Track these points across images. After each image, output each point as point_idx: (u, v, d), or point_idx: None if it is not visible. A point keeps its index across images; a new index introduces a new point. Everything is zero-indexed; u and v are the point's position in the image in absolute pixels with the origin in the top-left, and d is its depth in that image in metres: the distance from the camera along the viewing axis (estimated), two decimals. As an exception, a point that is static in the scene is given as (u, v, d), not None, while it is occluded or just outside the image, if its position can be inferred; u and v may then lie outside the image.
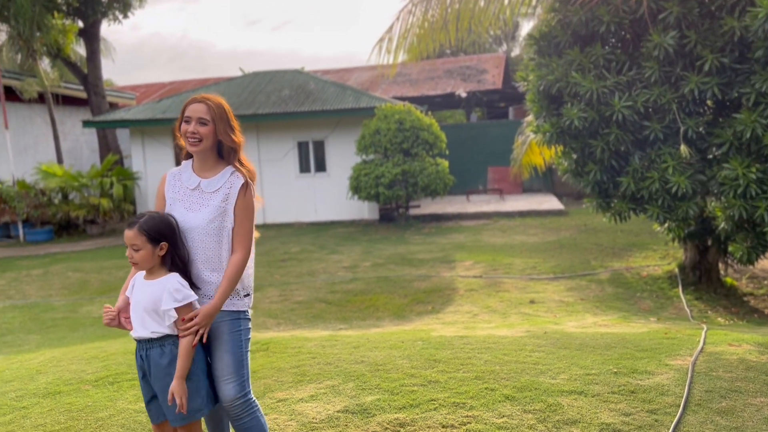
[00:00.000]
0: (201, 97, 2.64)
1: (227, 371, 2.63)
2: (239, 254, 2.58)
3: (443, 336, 5.15)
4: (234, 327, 2.65)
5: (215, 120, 2.59)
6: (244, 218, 2.61)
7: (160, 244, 2.50)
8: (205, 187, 2.64)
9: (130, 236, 2.48)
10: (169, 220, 2.58)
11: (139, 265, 2.52)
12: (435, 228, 12.94)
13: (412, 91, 20.35)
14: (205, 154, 2.65)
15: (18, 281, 9.82)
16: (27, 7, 13.67)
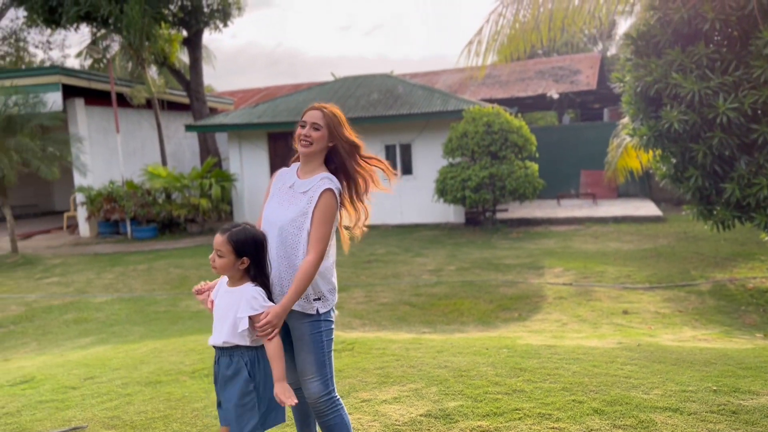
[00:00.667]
0: (318, 105, 2.79)
1: (310, 370, 2.72)
2: (311, 256, 2.61)
3: (530, 344, 5.06)
4: (314, 328, 2.72)
5: (329, 126, 2.73)
6: (321, 222, 2.66)
7: (242, 258, 2.57)
8: (297, 187, 2.76)
9: (218, 241, 2.57)
10: (258, 238, 2.63)
11: (218, 270, 2.59)
12: (523, 232, 12.70)
13: (502, 93, 20.06)
14: (311, 157, 2.76)
15: (125, 275, 10.49)
16: (137, 18, 14.62)
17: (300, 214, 2.68)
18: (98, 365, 5.00)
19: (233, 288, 2.61)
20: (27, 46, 32.79)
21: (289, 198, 2.76)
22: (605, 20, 7.32)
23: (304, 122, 2.74)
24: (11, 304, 8.80)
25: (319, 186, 2.70)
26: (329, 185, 2.70)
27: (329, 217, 2.68)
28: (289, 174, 2.86)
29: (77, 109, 15.28)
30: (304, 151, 2.74)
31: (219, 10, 16.63)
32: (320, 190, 2.68)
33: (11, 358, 6.06)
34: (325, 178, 2.74)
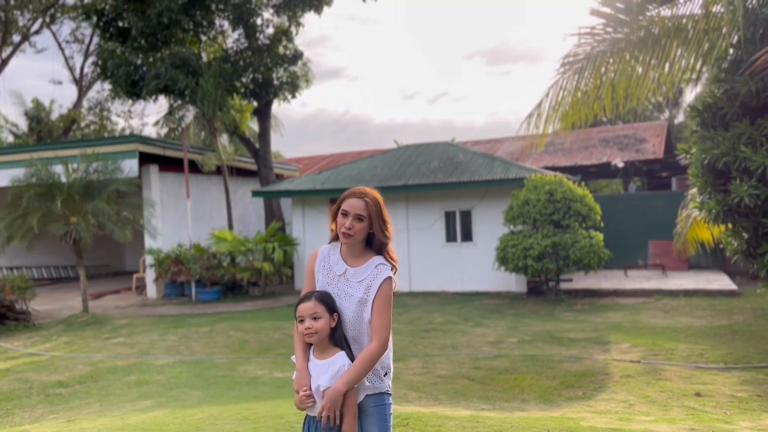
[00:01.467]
0: (360, 192, 2.81)
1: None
2: (375, 344, 2.66)
3: (594, 427, 4.80)
4: (379, 401, 2.74)
5: (371, 216, 2.75)
6: (383, 309, 2.70)
7: (333, 314, 2.66)
8: (351, 276, 2.78)
9: (310, 306, 2.64)
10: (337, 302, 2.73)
11: (318, 335, 2.64)
12: (588, 304, 12.27)
13: (565, 161, 19.91)
14: (355, 245, 2.80)
15: (187, 338, 10.69)
16: (212, 91, 15.49)
17: (360, 303, 2.73)
18: (155, 430, 5.04)
19: (323, 360, 2.64)
20: (110, 115, 35.14)
21: (344, 288, 2.78)
22: (670, 90, 7.22)
23: (345, 211, 2.76)
24: (78, 363, 9.08)
25: (377, 274, 2.74)
26: (388, 273, 2.75)
27: (389, 303, 2.73)
28: (333, 258, 2.86)
29: (152, 175, 16.10)
30: (346, 242, 2.78)
31: (288, 83, 17.42)
32: (381, 279, 2.72)
33: (74, 418, 6.20)
34: (380, 264, 2.78)
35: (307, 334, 2.64)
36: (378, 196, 2.82)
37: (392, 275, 2.75)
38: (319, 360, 2.66)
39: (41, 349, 10.23)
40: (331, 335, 2.67)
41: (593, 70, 5.77)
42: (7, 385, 7.97)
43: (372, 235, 2.81)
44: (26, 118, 31.66)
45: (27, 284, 12.61)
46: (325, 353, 2.65)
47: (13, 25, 30.48)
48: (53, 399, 7.27)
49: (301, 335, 2.71)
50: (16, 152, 16.40)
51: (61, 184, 12.68)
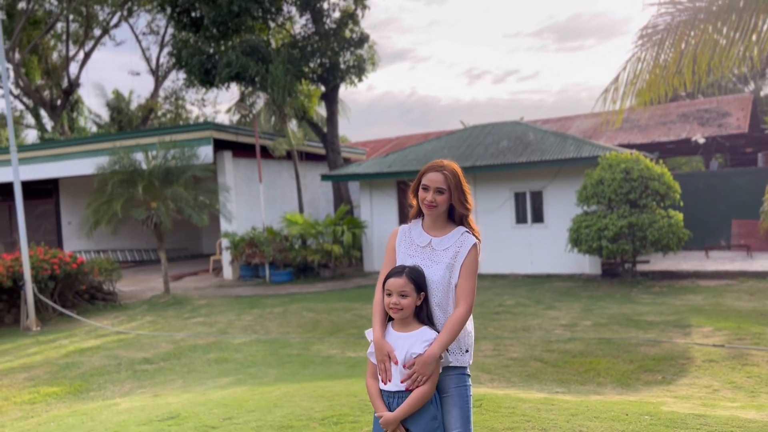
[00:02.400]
0: (438, 165, 2.83)
1: (456, 424, 2.73)
2: (462, 308, 2.70)
3: (675, 412, 4.64)
4: (459, 382, 2.76)
5: (451, 188, 2.78)
6: (469, 275, 2.75)
7: (420, 293, 2.69)
8: (436, 245, 2.82)
9: (400, 283, 2.67)
10: (424, 274, 2.75)
11: (403, 312, 2.67)
12: (666, 287, 11.82)
13: (641, 138, 19.14)
14: (437, 217, 2.85)
15: (262, 318, 11.02)
16: (281, 77, 15.75)
17: (446, 270, 2.76)
18: (236, 406, 5.24)
19: (407, 333, 2.67)
20: (184, 103, 36.39)
21: (428, 256, 2.82)
22: (757, 61, 6.78)
23: (426, 185, 2.80)
24: (162, 341, 9.53)
25: (464, 241, 2.79)
26: (474, 241, 2.79)
27: (475, 270, 2.78)
28: (415, 232, 2.90)
29: (225, 160, 16.59)
30: (430, 213, 2.83)
31: (354, 66, 17.48)
32: (468, 245, 2.77)
33: (160, 393, 6.53)
34: (465, 232, 2.83)
35: (393, 309, 2.67)
36: (456, 168, 2.84)
37: (478, 243, 2.80)
38: (402, 333, 2.68)
39: (127, 327, 10.80)
40: (416, 312, 2.69)
41: (673, 42, 5.48)
42: (99, 361, 8.47)
43: (452, 208, 2.84)
44: (108, 109, 33.25)
45: (113, 266, 13.30)
46: (408, 327, 2.68)
47: (93, 19, 31.93)
48: (140, 375, 7.67)
49: (383, 306, 2.73)
50: (99, 141, 17.26)
51: (141, 171, 13.27)
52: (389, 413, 2.62)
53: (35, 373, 7.92)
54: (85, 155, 16.73)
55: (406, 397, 2.61)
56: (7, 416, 6.17)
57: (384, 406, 2.67)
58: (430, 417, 2.63)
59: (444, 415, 2.74)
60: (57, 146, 18.26)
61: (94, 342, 9.72)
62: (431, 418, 2.63)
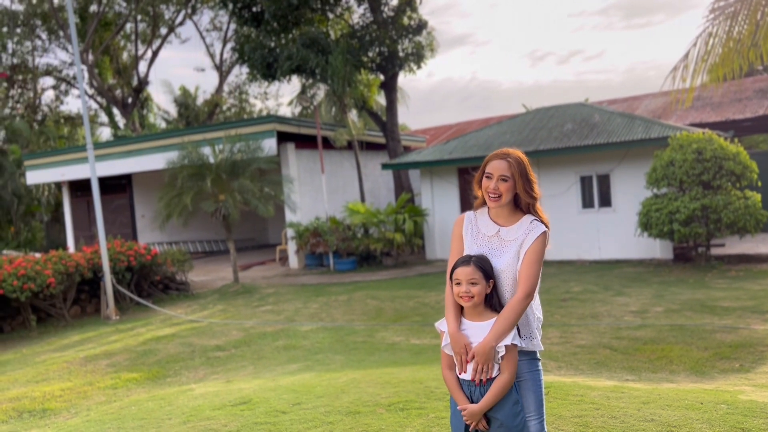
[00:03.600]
0: (502, 153, 2.78)
1: (530, 409, 2.73)
2: (518, 295, 2.64)
3: (754, 401, 4.46)
4: (532, 366, 2.76)
5: (515, 176, 2.72)
6: (533, 261, 2.67)
7: (489, 280, 2.68)
8: (505, 235, 2.77)
9: (468, 272, 2.66)
10: (490, 262, 2.74)
11: (474, 300, 2.66)
12: (744, 271, 11.30)
13: (714, 116, 18.25)
14: (504, 207, 2.79)
15: (328, 305, 11.23)
16: (341, 67, 15.88)
17: (513, 259, 2.72)
18: (305, 392, 5.38)
19: (481, 323, 2.67)
20: (248, 97, 37.25)
21: (498, 246, 2.78)
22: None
23: (489, 174, 2.74)
24: (233, 329, 9.86)
25: (532, 228, 2.74)
26: (543, 229, 2.73)
27: (540, 257, 2.70)
28: (482, 221, 2.86)
29: (289, 152, 16.90)
30: (493, 205, 2.77)
31: (413, 54, 17.42)
32: (537, 233, 2.71)
33: (233, 379, 6.77)
34: (534, 220, 2.77)
35: (464, 298, 2.66)
36: (521, 156, 2.78)
37: (547, 231, 2.73)
38: (476, 322, 2.68)
39: (200, 316, 11.22)
40: (488, 300, 2.69)
41: (748, 14, 5.19)
42: (174, 348, 8.85)
43: (518, 197, 2.78)
44: (175, 105, 34.43)
45: (185, 257, 13.83)
46: (482, 317, 2.68)
47: (160, 18, 33.06)
48: (213, 361, 7.97)
49: (455, 297, 2.73)
50: (168, 137, 17.90)
51: (209, 165, 13.70)
52: (473, 405, 2.63)
53: (116, 360, 8.36)
54: (156, 151, 17.40)
55: (486, 385, 2.62)
56: (91, 400, 6.55)
57: (465, 398, 2.68)
58: (512, 402, 2.64)
59: None
60: (129, 143, 19.07)
61: (169, 330, 10.15)
62: (513, 403, 2.64)
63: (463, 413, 2.66)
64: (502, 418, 2.63)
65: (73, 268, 11.23)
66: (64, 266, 11.07)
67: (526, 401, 2.71)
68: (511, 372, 2.62)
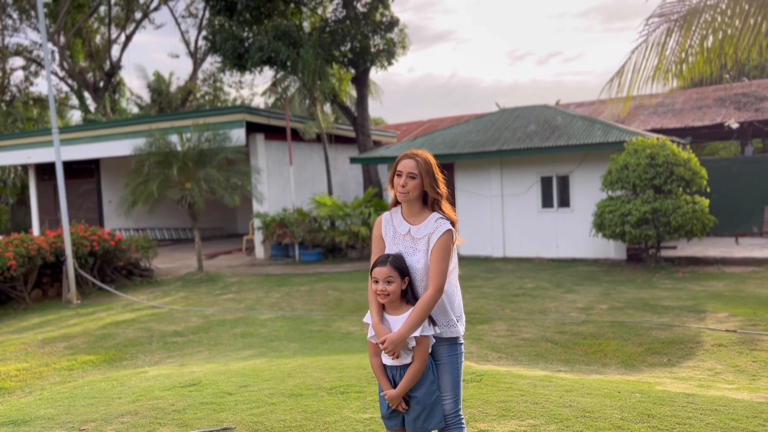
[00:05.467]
0: (411, 153, 3.04)
1: (445, 389, 3.00)
2: (430, 291, 2.89)
3: (667, 391, 4.82)
4: (451, 351, 3.02)
5: (422, 174, 2.97)
6: (440, 258, 2.91)
7: (404, 278, 2.94)
8: (415, 233, 3.03)
9: (385, 271, 2.92)
10: (406, 260, 3.01)
11: (390, 297, 2.92)
12: (690, 273, 11.81)
13: (675, 122, 18.84)
14: (412, 203, 3.04)
15: (289, 295, 11.44)
16: (311, 61, 16.03)
17: (425, 256, 2.97)
18: (253, 375, 5.62)
19: (398, 316, 2.93)
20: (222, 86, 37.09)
21: (411, 245, 3.02)
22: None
23: (400, 172, 2.99)
24: (193, 316, 10.03)
25: (437, 227, 2.97)
26: (447, 226, 2.96)
27: (446, 254, 2.92)
28: (397, 220, 3.11)
29: (258, 143, 17.02)
30: (402, 200, 3.03)
31: (384, 50, 17.65)
32: (441, 231, 2.94)
33: (186, 363, 6.97)
34: (439, 219, 3.00)
35: (380, 295, 2.92)
36: (429, 156, 3.03)
37: (452, 228, 2.95)
38: (394, 316, 2.95)
39: (162, 302, 11.35)
40: (403, 295, 2.95)
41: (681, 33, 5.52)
42: (133, 333, 8.99)
43: (428, 195, 3.02)
44: (149, 90, 34.14)
45: (149, 244, 13.90)
46: (398, 310, 2.94)
47: (134, 2, 32.71)
48: (170, 346, 8.15)
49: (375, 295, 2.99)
50: (137, 123, 17.87)
51: (176, 153, 13.77)
52: (392, 390, 2.94)
53: (74, 343, 8.48)
54: (124, 137, 17.37)
55: (406, 368, 2.90)
56: (46, 380, 6.70)
57: (388, 382, 2.97)
58: (428, 382, 2.92)
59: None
60: (97, 128, 18.98)
61: (129, 315, 10.28)
62: (429, 383, 2.93)
63: (385, 398, 2.95)
64: (420, 396, 2.91)
65: (35, 251, 11.26)
66: (25, 249, 11.10)
67: (442, 382, 2.99)
68: (422, 360, 2.90)
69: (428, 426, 2.93)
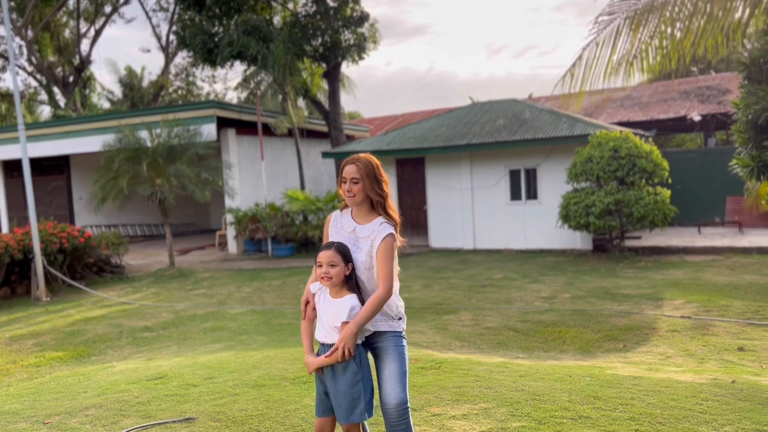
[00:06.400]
0: (353, 158, 3.19)
1: (393, 377, 3.13)
2: (380, 291, 3.06)
3: (615, 374, 5.05)
4: (396, 342, 3.19)
5: (363, 178, 3.12)
6: (386, 260, 3.08)
7: (348, 263, 3.09)
8: (359, 232, 3.19)
9: (329, 255, 3.07)
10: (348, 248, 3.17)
11: (334, 280, 3.06)
12: (653, 262, 12.15)
13: (641, 115, 19.26)
14: (360, 206, 3.20)
15: (261, 290, 11.53)
16: (281, 56, 16.07)
17: (367, 255, 3.14)
18: (218, 368, 5.73)
19: (337, 299, 3.08)
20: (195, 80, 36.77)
21: (354, 242, 3.19)
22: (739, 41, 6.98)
23: (344, 178, 3.14)
24: (163, 311, 10.07)
25: (380, 231, 3.13)
26: (389, 230, 3.12)
27: (390, 255, 3.09)
28: (345, 218, 3.27)
29: (229, 138, 17.01)
30: (350, 203, 3.19)
31: (355, 45, 17.74)
32: (382, 236, 3.10)
33: (154, 358, 7.04)
34: (384, 222, 3.16)
35: (324, 278, 3.07)
36: (371, 159, 3.18)
37: (394, 232, 3.12)
38: (334, 299, 3.10)
39: (132, 298, 11.36)
40: (346, 280, 3.10)
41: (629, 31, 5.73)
42: (102, 329, 9.02)
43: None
44: (120, 85, 33.71)
45: (120, 240, 13.85)
46: (339, 294, 3.09)
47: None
48: (139, 341, 8.21)
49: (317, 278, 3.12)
50: (106, 119, 17.73)
51: (146, 149, 13.74)
52: (311, 358, 3.10)
53: (42, 340, 8.49)
54: (94, 133, 17.23)
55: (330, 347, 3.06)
56: (13, 377, 6.73)
57: (310, 348, 3.17)
58: (351, 372, 3.04)
59: (382, 370, 3.15)
60: (66, 124, 18.78)
61: (99, 312, 10.28)
62: (352, 373, 3.04)
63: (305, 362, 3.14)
64: (343, 388, 3.04)
65: (2, 249, 11.19)
66: (-8, 247, 11.02)
67: (390, 370, 3.12)
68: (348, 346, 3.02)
69: (353, 418, 3.04)
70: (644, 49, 5.62)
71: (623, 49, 5.65)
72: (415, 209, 16.14)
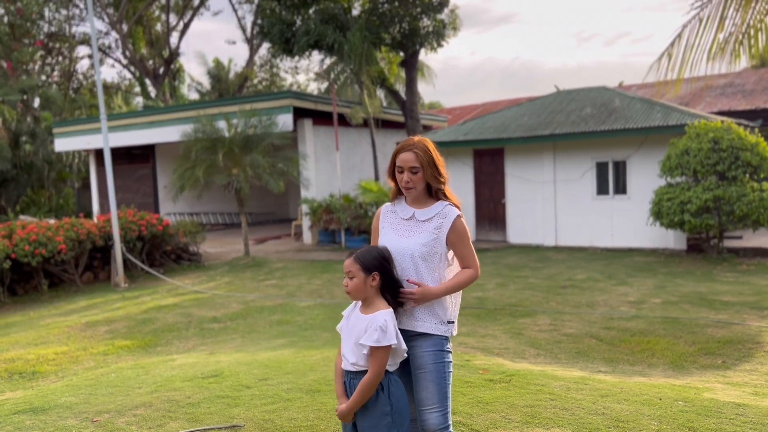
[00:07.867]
0: (409, 144, 2.85)
1: (432, 400, 2.75)
2: (472, 270, 2.86)
3: (715, 399, 4.38)
4: (437, 358, 2.80)
5: (423, 166, 2.81)
6: (464, 241, 2.86)
7: (372, 274, 2.67)
8: (419, 216, 2.87)
9: (346, 264, 2.72)
10: (383, 253, 2.76)
11: (352, 294, 2.72)
12: (756, 265, 11.01)
13: (745, 104, 17.66)
14: (419, 194, 2.89)
15: (331, 283, 11.33)
16: (358, 44, 15.78)
17: (429, 239, 2.81)
18: (275, 368, 5.48)
19: (366, 315, 2.69)
20: (279, 71, 37.29)
21: (411, 228, 2.87)
22: None
23: (400, 167, 2.84)
24: (233, 302, 10.04)
25: (447, 213, 2.84)
26: (456, 211, 2.85)
27: (467, 236, 2.88)
28: (399, 207, 2.96)
29: (306, 128, 16.95)
30: (409, 194, 2.89)
31: (434, 32, 17.19)
32: (452, 217, 2.82)
33: (216, 351, 6.92)
34: (448, 205, 2.87)
35: (346, 291, 2.74)
36: (427, 143, 2.86)
37: (461, 213, 2.87)
38: (364, 315, 2.70)
39: (205, 287, 11.44)
40: (380, 293, 2.69)
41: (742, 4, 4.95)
42: (172, 318, 9.06)
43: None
44: (209, 77, 34.69)
45: (197, 229, 14.07)
46: (369, 309, 2.69)
47: (192, -10, 33.20)
48: (205, 332, 8.15)
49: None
50: (187, 109, 18.09)
51: (223, 139, 13.83)
52: (342, 406, 2.67)
53: (114, 327, 8.61)
54: (175, 123, 17.62)
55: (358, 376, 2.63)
56: (81, 365, 6.78)
57: (343, 389, 2.72)
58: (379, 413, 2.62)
59: (419, 392, 2.77)
60: (150, 114, 19.35)
61: (172, 300, 10.39)
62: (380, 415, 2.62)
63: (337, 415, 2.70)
64: (366, 427, 2.62)
65: (84, 235, 11.53)
66: (75, 233, 11.38)
67: (428, 392, 2.73)
68: (375, 372, 2.59)
69: None
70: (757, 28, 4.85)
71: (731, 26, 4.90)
72: (492, 202, 15.50)
